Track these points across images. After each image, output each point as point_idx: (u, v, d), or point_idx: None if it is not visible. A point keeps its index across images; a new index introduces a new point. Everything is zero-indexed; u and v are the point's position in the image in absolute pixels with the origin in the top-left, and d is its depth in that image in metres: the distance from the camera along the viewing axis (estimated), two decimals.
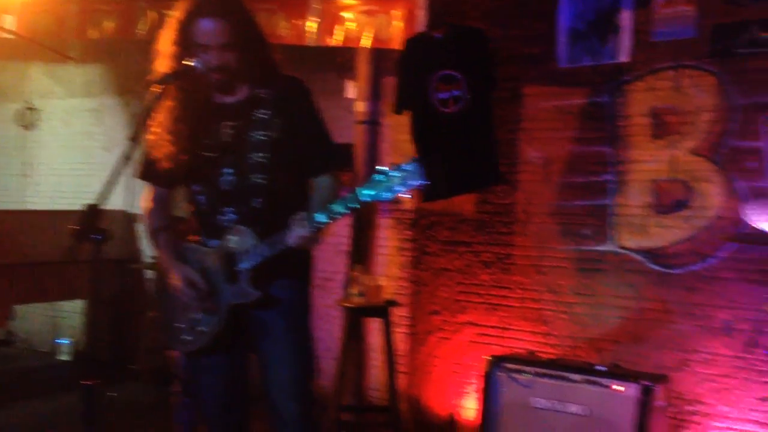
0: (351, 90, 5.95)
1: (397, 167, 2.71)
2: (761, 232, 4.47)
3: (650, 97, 4.88)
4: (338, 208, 2.85)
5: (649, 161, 4.88)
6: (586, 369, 4.52)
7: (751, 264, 4.52)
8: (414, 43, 5.16)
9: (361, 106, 5.87)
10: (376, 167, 2.80)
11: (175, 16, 3.08)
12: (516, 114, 5.34)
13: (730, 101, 4.62)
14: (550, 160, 5.22)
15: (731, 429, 4.53)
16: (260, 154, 3.11)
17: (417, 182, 2.68)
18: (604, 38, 5.01)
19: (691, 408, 4.65)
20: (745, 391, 4.50)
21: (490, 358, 4.79)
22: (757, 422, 4.45)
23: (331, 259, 5.88)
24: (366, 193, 2.75)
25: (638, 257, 4.89)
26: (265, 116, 3.13)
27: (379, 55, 5.72)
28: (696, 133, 4.74)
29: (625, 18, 4.94)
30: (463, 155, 5.00)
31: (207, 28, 3.01)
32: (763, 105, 4.53)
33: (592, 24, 5.07)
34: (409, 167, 2.70)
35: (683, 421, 4.66)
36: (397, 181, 2.70)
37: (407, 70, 5.16)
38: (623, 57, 4.95)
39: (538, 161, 5.28)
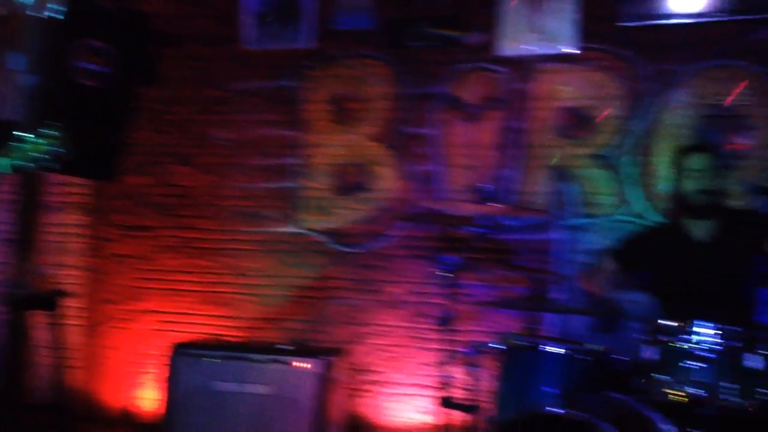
0: None
1: (35, 132, 2.46)
2: (427, 212, 4.85)
3: (332, 83, 5.07)
4: None
5: (331, 145, 5.07)
6: (268, 349, 4.55)
7: (419, 241, 4.86)
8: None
9: None
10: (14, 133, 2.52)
11: None
12: (203, 95, 5.26)
13: (402, 90, 4.94)
14: (237, 143, 5.21)
15: (400, 394, 4.83)
16: None
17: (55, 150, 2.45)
18: (289, 23, 5.12)
19: (366, 378, 4.88)
20: (412, 358, 4.82)
21: (173, 345, 4.64)
22: (420, 385, 4.79)
23: None
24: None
25: (321, 238, 5.04)
26: None
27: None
28: (373, 120, 5.00)
29: (309, 5, 5.09)
30: (87, 136, 4.56)
31: None
32: (428, 95, 4.90)
33: (277, 8, 5.15)
34: (50, 133, 2.46)
35: (359, 391, 4.88)
36: (34, 148, 2.45)
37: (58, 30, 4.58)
38: (307, 43, 5.09)
39: (225, 143, 5.24)
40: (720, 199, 3.73)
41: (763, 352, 2.92)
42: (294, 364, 4.40)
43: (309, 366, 4.38)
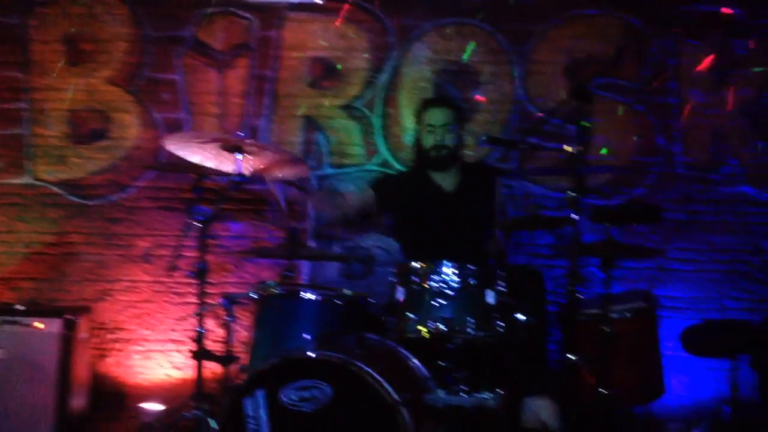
0: None
1: None
2: (176, 161, 4.68)
3: (65, 22, 4.69)
4: None
5: (64, 89, 4.70)
6: (3, 310, 4.20)
7: (167, 192, 4.71)
8: None
9: None
10: None
11: None
12: None
13: (145, 32, 4.69)
14: None
15: (151, 351, 4.69)
16: None
17: None
18: None
19: (113, 336, 4.68)
20: (164, 313, 4.70)
21: None
22: (175, 341, 4.69)
23: None
24: None
25: (57, 190, 4.70)
26: None
27: None
28: (112, 63, 4.71)
29: None
30: None
31: None
32: (174, 38, 4.70)
33: None
34: None
35: (106, 350, 4.68)
36: None
37: None
38: None
39: None
40: (457, 151, 3.99)
41: (500, 288, 3.20)
42: (34, 325, 4.13)
43: (51, 326, 4.13)
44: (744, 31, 4.53)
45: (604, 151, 4.57)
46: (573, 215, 3.24)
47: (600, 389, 3.45)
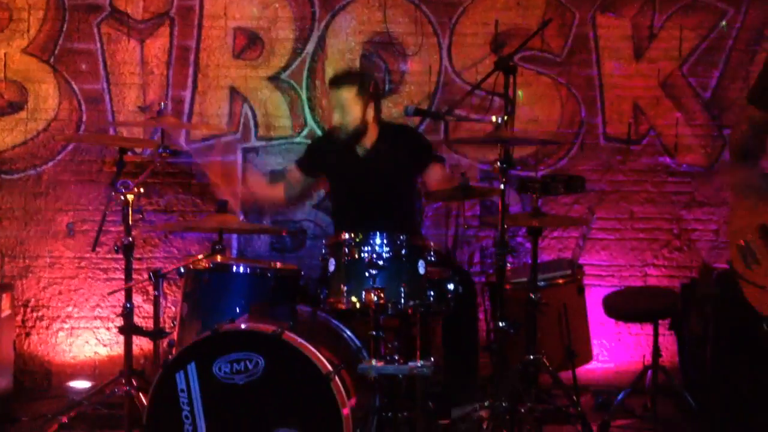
0: None
1: None
2: (97, 133, 4.59)
3: None
4: None
5: None
6: None
7: (89, 165, 4.59)
8: None
9: None
10: None
11: None
12: None
13: (60, 0, 4.53)
14: None
15: (77, 328, 4.59)
16: None
17: None
18: None
19: (37, 314, 4.56)
20: (89, 290, 4.60)
21: None
22: (102, 318, 4.60)
23: None
24: None
25: None
26: None
27: None
28: (27, 32, 4.54)
29: None
30: None
31: None
32: (92, 6, 4.56)
33: None
34: None
35: (31, 328, 4.56)
36: None
37: None
38: None
39: None
40: (367, 123, 3.95)
41: (429, 258, 3.24)
42: None
43: None
44: (661, 4, 4.64)
45: (528, 122, 4.64)
46: (500, 186, 3.30)
47: (528, 355, 3.54)
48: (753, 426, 3.55)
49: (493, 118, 3.31)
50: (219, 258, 3.54)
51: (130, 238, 3.58)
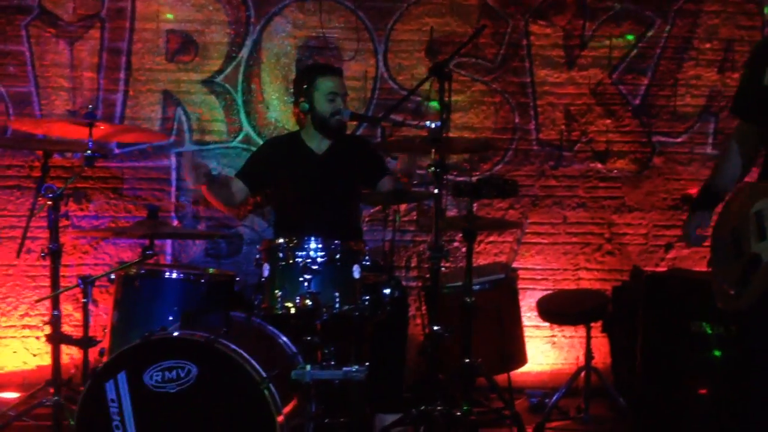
0: None
1: None
2: (22, 138, 4.45)
3: None
4: None
5: None
6: None
7: (15, 170, 4.46)
8: None
9: None
10: None
11: None
12: None
13: None
14: None
15: (4, 337, 4.46)
16: None
17: None
18: None
19: None
20: (17, 298, 4.46)
21: None
22: (30, 327, 4.48)
23: None
24: None
25: None
26: None
27: None
28: None
29: None
30: None
31: None
32: (19, 7, 4.45)
33: None
34: None
35: None
36: None
37: None
38: None
39: None
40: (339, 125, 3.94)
41: (365, 263, 3.24)
42: None
43: None
44: (591, 13, 4.74)
45: (463, 128, 4.68)
46: (435, 190, 3.32)
47: (463, 359, 3.56)
48: (681, 425, 3.64)
49: (428, 123, 3.34)
50: (151, 264, 3.47)
51: (57, 244, 3.48)
